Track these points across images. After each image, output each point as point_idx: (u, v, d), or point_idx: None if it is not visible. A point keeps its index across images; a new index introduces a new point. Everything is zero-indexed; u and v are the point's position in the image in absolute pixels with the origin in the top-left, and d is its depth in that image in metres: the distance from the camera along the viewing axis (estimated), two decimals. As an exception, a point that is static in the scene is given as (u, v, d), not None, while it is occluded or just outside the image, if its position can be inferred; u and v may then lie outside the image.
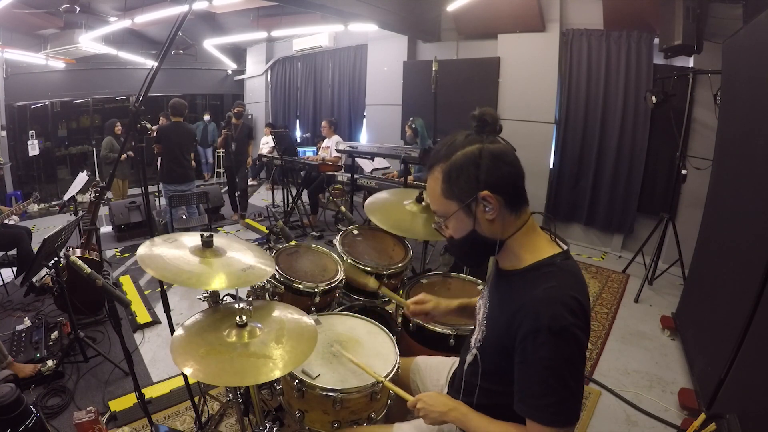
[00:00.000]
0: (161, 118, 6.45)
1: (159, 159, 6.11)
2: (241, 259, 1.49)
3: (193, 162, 4.92)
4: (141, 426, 2.11)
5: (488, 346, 1.01)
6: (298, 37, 7.14)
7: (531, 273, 0.93)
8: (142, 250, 1.37)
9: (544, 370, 0.85)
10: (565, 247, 0.98)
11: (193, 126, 5.49)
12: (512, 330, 0.91)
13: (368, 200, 2.21)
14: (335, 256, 2.13)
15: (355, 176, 4.71)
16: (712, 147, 3.04)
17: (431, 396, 1.11)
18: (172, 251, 1.42)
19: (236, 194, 5.75)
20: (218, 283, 1.32)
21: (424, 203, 2.08)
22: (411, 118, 4.55)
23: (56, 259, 2.53)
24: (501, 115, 4.11)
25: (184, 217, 4.63)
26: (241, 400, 1.55)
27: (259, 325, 1.33)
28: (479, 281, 2.04)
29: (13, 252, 3.74)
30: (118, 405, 2.25)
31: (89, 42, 6.12)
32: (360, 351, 1.53)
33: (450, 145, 0.94)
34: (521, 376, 0.90)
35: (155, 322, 3.12)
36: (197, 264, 1.39)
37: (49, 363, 2.40)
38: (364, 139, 6.89)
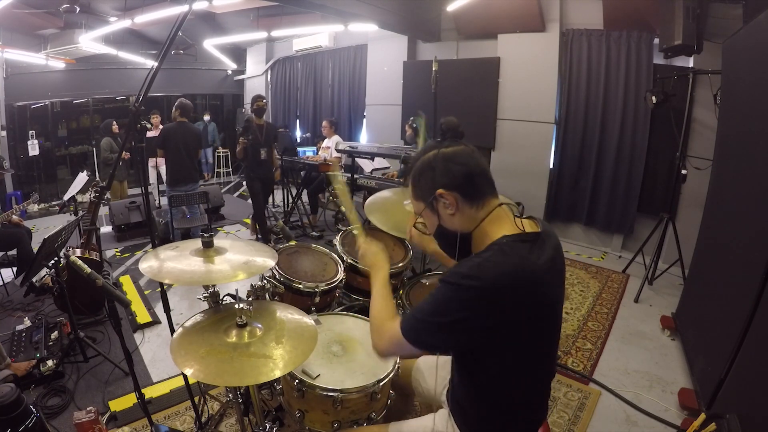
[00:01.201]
0: (152, 116, 6.33)
1: (156, 160, 6.10)
2: (243, 254, 1.53)
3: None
4: (141, 426, 2.11)
5: None
6: (298, 37, 7.13)
7: (481, 253, 1.00)
8: (146, 263, 1.41)
9: (434, 298, 0.98)
10: (529, 230, 1.02)
11: (198, 128, 5.13)
12: None
13: (368, 200, 2.21)
14: (335, 256, 2.13)
15: (355, 176, 4.71)
16: (712, 147, 3.04)
17: (376, 247, 1.36)
18: (174, 256, 1.47)
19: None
20: (224, 276, 1.39)
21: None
22: (412, 118, 4.56)
23: (56, 259, 2.53)
24: (501, 115, 4.12)
25: (187, 216, 4.63)
26: (241, 400, 1.55)
27: (259, 325, 1.33)
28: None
29: (13, 252, 3.74)
30: (118, 405, 2.25)
31: (89, 42, 6.12)
32: (360, 351, 1.53)
33: (414, 158, 1.11)
34: None
35: (155, 322, 3.12)
36: (201, 263, 1.43)
37: (49, 363, 2.39)
38: (364, 139, 6.89)
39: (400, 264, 2.09)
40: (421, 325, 0.99)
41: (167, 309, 1.84)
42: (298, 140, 7.74)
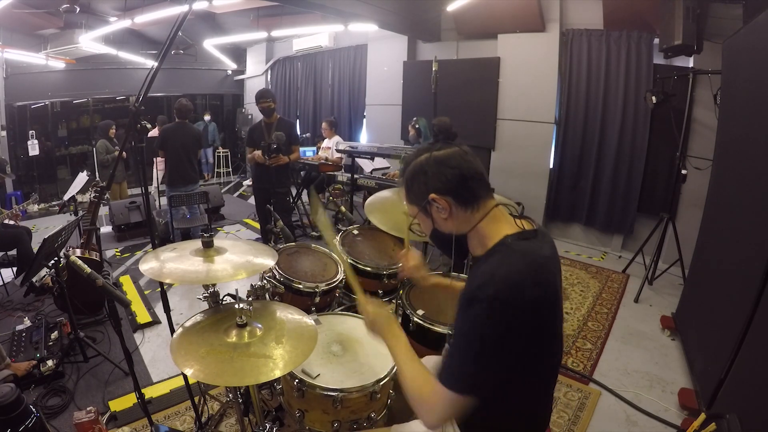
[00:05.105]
0: (158, 125, 6.43)
1: (156, 161, 6.10)
2: (243, 253, 1.54)
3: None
4: (141, 426, 2.11)
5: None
6: (298, 37, 7.13)
7: (487, 256, 0.98)
8: (147, 265, 1.41)
9: (459, 334, 0.92)
10: (528, 227, 1.01)
11: (198, 128, 4.96)
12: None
13: (368, 200, 2.21)
14: (335, 256, 2.13)
15: (355, 176, 4.71)
16: (712, 147, 3.04)
17: (382, 315, 1.17)
18: (174, 257, 1.47)
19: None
20: (225, 275, 1.39)
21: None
22: (414, 119, 4.55)
23: (56, 259, 2.53)
24: (501, 115, 4.12)
25: (187, 216, 4.63)
26: (241, 400, 1.55)
27: (259, 325, 1.33)
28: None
29: (13, 252, 3.74)
30: (118, 405, 2.25)
31: (89, 42, 6.12)
32: (360, 351, 1.53)
33: (406, 162, 1.07)
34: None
35: (155, 322, 3.12)
36: (202, 263, 1.44)
37: (49, 363, 2.40)
38: (364, 139, 6.89)
39: (400, 264, 2.09)
40: (465, 369, 0.89)
41: (167, 309, 1.84)
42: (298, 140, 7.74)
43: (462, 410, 0.92)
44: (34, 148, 7.13)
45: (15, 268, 3.78)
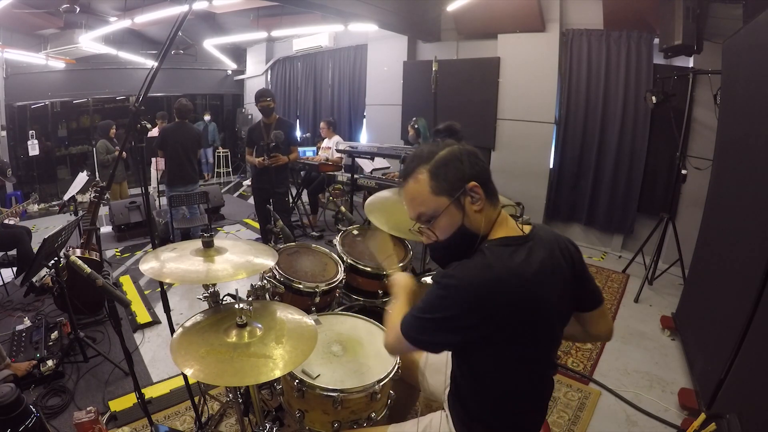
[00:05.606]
0: (158, 120, 6.49)
1: (155, 161, 6.11)
2: (243, 253, 1.53)
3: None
4: (141, 426, 2.11)
5: None
6: (298, 37, 7.14)
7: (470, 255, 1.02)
8: (147, 264, 1.41)
9: (425, 298, 1.00)
10: (519, 234, 1.02)
11: (198, 128, 4.94)
12: None
13: (368, 200, 2.21)
14: (335, 256, 2.13)
15: (355, 176, 4.71)
16: (712, 147, 3.04)
17: (402, 278, 1.33)
18: (174, 257, 1.47)
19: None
20: (225, 275, 1.39)
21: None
22: (414, 119, 4.55)
23: (56, 259, 2.53)
24: (501, 115, 4.13)
25: (187, 216, 4.63)
26: (241, 400, 1.55)
27: (259, 325, 1.33)
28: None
29: (13, 252, 3.74)
30: (118, 405, 2.25)
31: (89, 42, 6.12)
32: (360, 351, 1.53)
33: (428, 151, 1.02)
34: None
35: (155, 322, 3.12)
36: (202, 263, 1.43)
37: (49, 363, 2.40)
38: (364, 139, 6.89)
39: (400, 264, 2.09)
40: (415, 323, 1.00)
41: (167, 309, 1.84)
42: (299, 140, 7.74)
43: (408, 351, 1.18)
44: (34, 148, 7.14)
45: (15, 268, 3.78)
